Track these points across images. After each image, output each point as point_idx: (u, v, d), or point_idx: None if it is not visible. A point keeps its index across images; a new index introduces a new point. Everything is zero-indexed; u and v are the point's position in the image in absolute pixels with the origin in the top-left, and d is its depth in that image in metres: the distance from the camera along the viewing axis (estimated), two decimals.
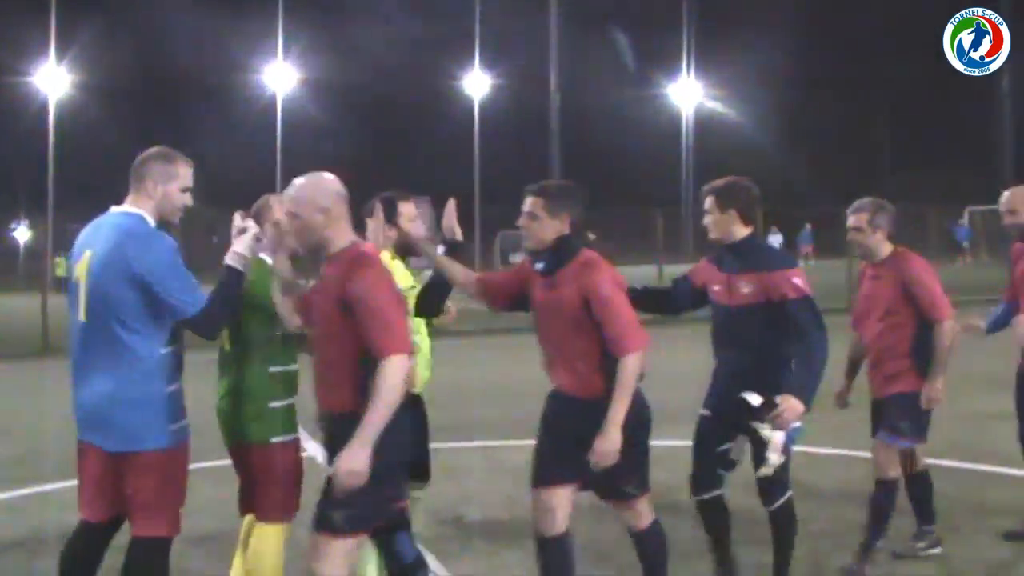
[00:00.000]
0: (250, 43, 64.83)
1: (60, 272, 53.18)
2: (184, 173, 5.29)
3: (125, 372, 5.00)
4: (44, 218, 52.98)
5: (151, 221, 5.19)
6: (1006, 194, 7.35)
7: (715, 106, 72.73)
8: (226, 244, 5.28)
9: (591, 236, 41.63)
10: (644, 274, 31.01)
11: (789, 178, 65.83)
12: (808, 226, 51.74)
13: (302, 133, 65.60)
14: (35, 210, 61.00)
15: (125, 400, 5.00)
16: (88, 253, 5.10)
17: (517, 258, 34.72)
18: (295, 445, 5.66)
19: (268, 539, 5.60)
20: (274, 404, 5.55)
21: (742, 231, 6.08)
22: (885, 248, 6.90)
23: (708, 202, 6.16)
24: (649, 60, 70.44)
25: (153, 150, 5.33)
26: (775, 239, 47.63)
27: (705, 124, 72.18)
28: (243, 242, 5.22)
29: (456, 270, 5.73)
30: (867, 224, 6.87)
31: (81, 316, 5.09)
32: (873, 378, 6.98)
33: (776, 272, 5.88)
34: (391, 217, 6.11)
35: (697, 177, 67.75)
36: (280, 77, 65.16)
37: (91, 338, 5.06)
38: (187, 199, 5.31)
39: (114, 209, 5.25)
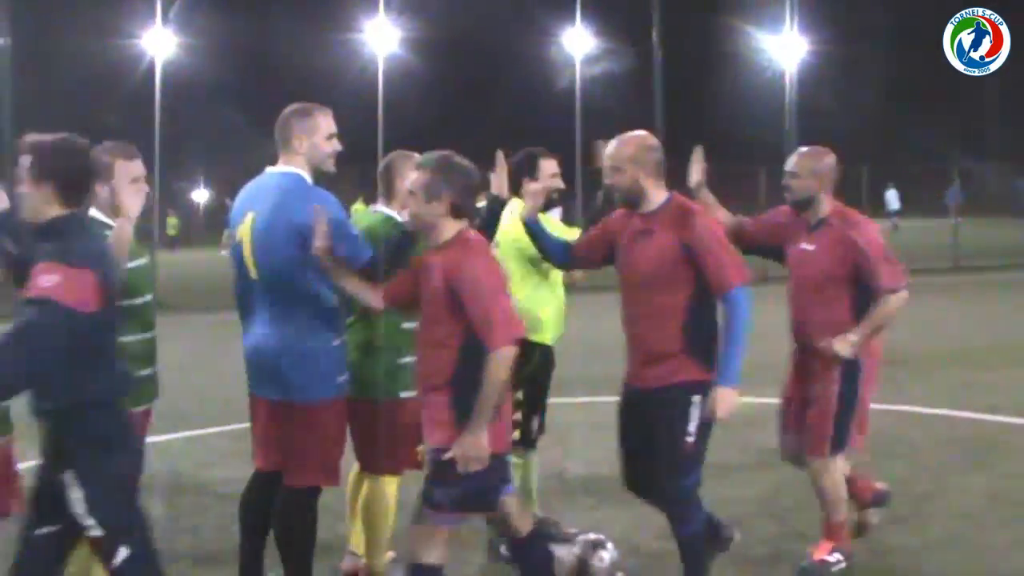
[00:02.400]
0: (352, 2, 65.16)
1: (172, 232, 54.50)
2: (324, 122, 5.38)
3: (294, 326, 5.12)
4: (151, 178, 53.80)
5: (307, 177, 5.30)
6: (792, 158, 6.29)
7: (819, 61, 71.46)
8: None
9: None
10: None
11: (894, 133, 64.56)
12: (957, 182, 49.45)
13: (402, 91, 65.85)
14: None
15: (295, 353, 5.12)
16: (251, 215, 5.21)
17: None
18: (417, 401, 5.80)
19: (385, 489, 5.79)
20: (403, 360, 5.67)
21: None
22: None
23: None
24: (752, 14, 69.41)
25: (290, 108, 5.41)
26: (892, 195, 46.57)
27: (809, 80, 70.98)
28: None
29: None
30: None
31: (252, 275, 5.20)
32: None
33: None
34: (532, 172, 6.27)
35: (800, 134, 66.92)
36: (382, 35, 65.39)
37: (261, 295, 5.19)
38: (335, 144, 5.43)
39: (270, 170, 5.37)
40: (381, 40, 63.86)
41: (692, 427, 5.35)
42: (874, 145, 59.31)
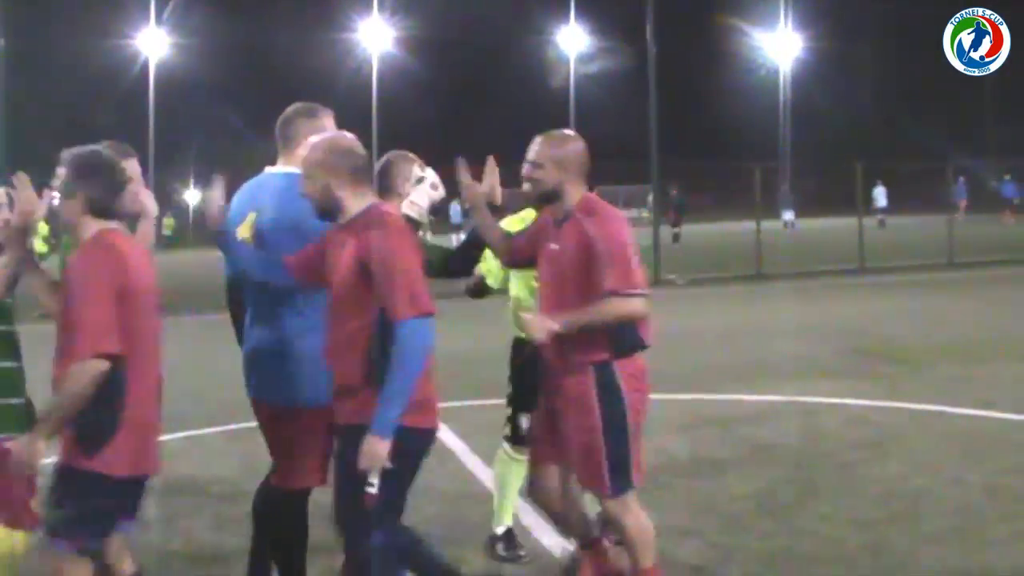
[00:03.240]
0: (346, 2, 65.16)
1: (167, 232, 54.52)
2: (329, 124, 5.37)
3: (294, 328, 5.11)
4: (147, 179, 53.81)
5: None
6: (532, 146, 5.30)
7: (814, 59, 71.51)
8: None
9: (673, 191, 41.46)
10: (743, 229, 30.85)
11: (889, 131, 64.64)
12: (961, 179, 49.36)
13: (396, 91, 65.85)
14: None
15: (295, 355, 5.10)
16: (252, 215, 5.20)
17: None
18: None
19: None
20: None
21: None
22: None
23: None
24: (747, 12, 69.45)
25: (295, 108, 5.40)
26: (880, 192, 46.67)
27: (803, 77, 71.03)
28: (421, 192, 5.41)
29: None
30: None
31: (253, 275, 5.17)
32: None
33: None
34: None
35: (795, 132, 66.98)
36: (376, 35, 65.32)
37: (260, 296, 5.19)
38: None
39: (270, 170, 5.35)
40: (375, 40, 63.93)
41: (375, 476, 4.51)
42: (868, 142, 59.44)
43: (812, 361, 12.79)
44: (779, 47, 69.48)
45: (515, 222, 6.07)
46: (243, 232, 5.20)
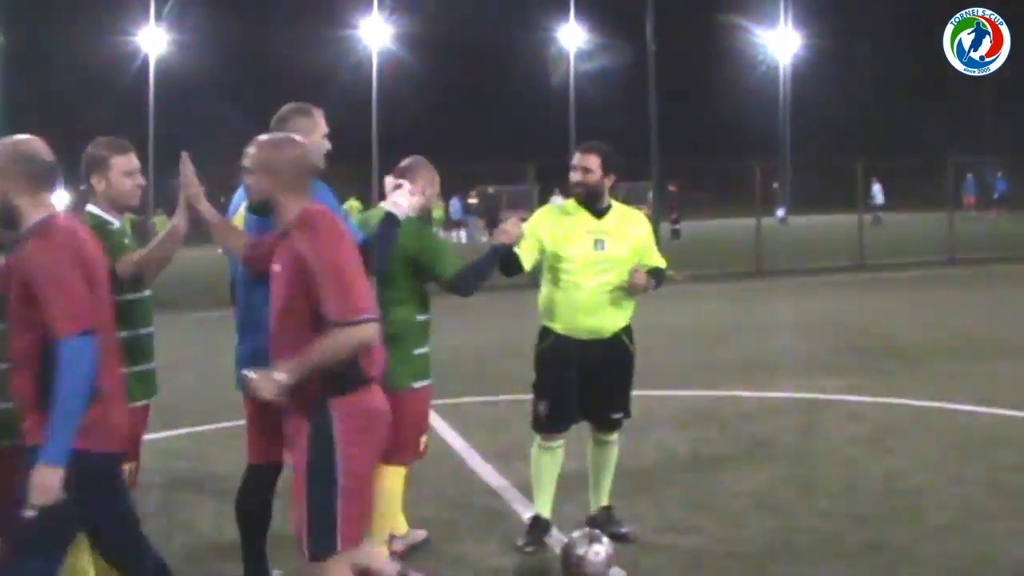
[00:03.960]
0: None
1: (160, 228, 54.40)
2: (322, 121, 5.52)
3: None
4: (146, 176, 53.74)
5: None
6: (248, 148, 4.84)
7: (814, 56, 71.43)
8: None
9: (672, 188, 41.44)
10: (742, 226, 30.84)
11: (888, 128, 64.65)
12: (969, 176, 49.47)
13: (398, 87, 65.79)
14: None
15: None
16: (244, 207, 5.22)
17: None
18: (429, 390, 5.99)
19: (389, 481, 5.87)
20: (418, 351, 5.87)
21: None
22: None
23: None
24: (748, 10, 69.40)
25: (290, 107, 5.53)
26: (876, 189, 46.70)
27: (802, 74, 70.97)
28: (402, 195, 5.54)
29: None
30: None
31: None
32: None
33: None
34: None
35: (794, 129, 66.93)
36: (375, 32, 65.24)
37: (261, 292, 5.09)
38: (327, 145, 5.56)
39: None
40: (375, 37, 63.86)
41: (35, 498, 4.09)
42: (868, 139, 59.45)
43: (812, 357, 12.80)
44: (779, 44, 69.38)
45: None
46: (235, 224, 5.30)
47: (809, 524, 6.64)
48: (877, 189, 46.70)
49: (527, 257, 6.29)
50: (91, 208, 5.27)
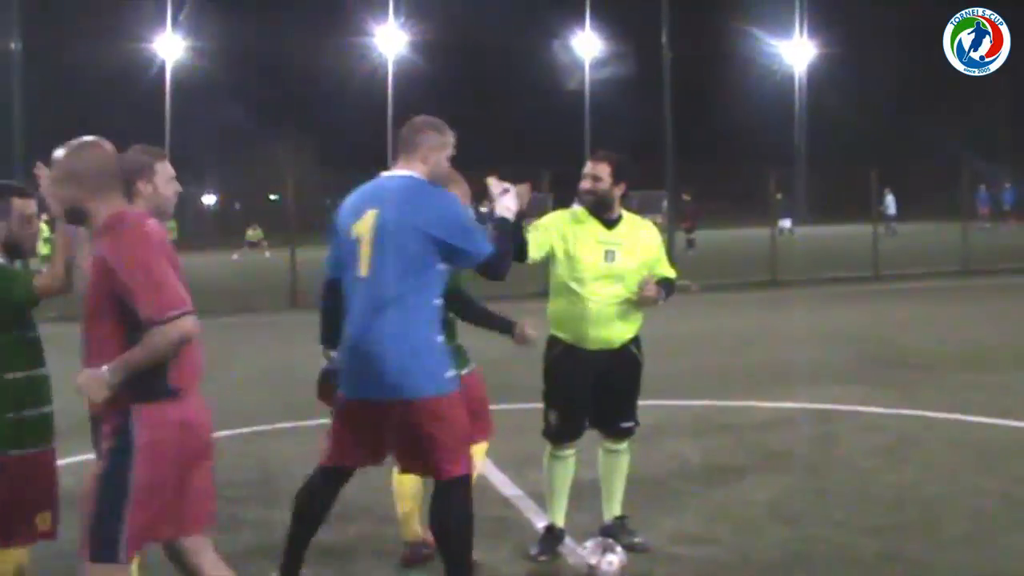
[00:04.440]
0: (362, 6, 65.27)
1: (172, 235, 54.50)
2: (452, 143, 5.54)
3: (401, 324, 5.16)
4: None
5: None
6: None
7: (828, 64, 71.33)
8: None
9: (686, 197, 41.41)
10: (758, 235, 30.80)
11: (902, 137, 64.51)
12: (982, 187, 49.31)
13: (413, 95, 65.90)
14: None
15: (402, 350, 5.15)
16: (371, 212, 5.27)
17: None
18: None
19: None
20: (457, 342, 6.16)
21: None
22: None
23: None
24: (762, 18, 69.36)
25: (425, 120, 5.54)
26: (889, 200, 46.62)
27: (819, 82, 70.89)
28: (510, 198, 5.56)
29: None
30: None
31: (361, 272, 5.25)
32: None
33: None
34: None
35: (809, 137, 66.86)
36: (391, 39, 65.39)
37: (370, 292, 5.23)
38: (448, 167, 5.60)
39: (387, 173, 5.47)
40: (390, 44, 63.96)
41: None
42: (883, 148, 59.29)
43: (826, 367, 12.77)
44: (794, 52, 69.34)
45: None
46: (359, 229, 5.27)
47: (823, 535, 6.61)
48: (890, 200, 46.63)
49: (535, 248, 6.28)
50: None
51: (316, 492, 5.48)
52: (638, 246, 6.36)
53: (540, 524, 6.56)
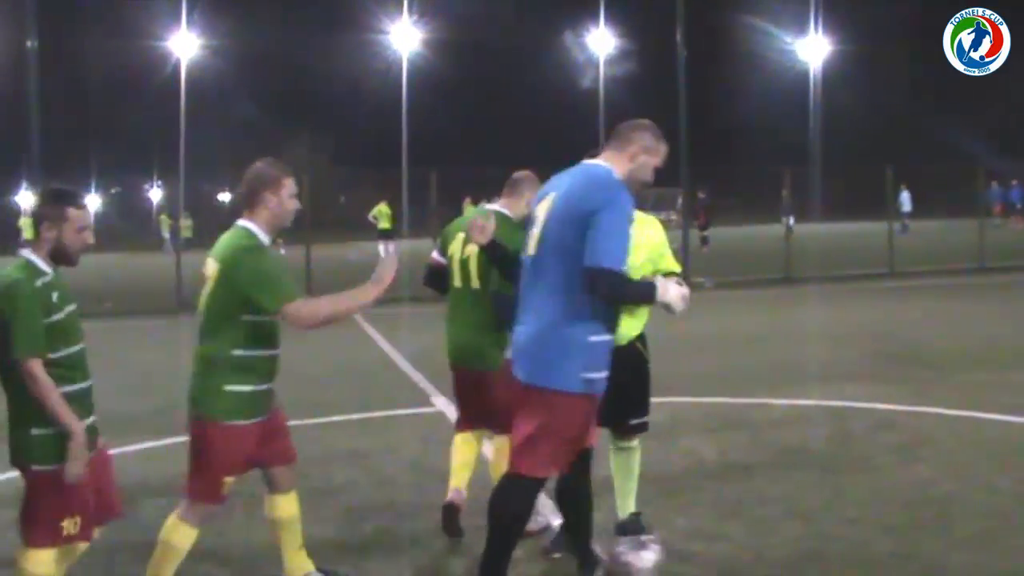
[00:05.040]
0: (375, 2, 65.27)
1: (185, 233, 54.66)
2: (663, 154, 5.60)
3: (554, 312, 5.19)
4: (176, 180, 54.20)
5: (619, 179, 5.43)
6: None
7: (844, 61, 71.11)
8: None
9: (700, 195, 41.35)
10: (771, 232, 30.78)
11: (917, 134, 64.26)
12: (994, 183, 49.03)
13: (427, 93, 65.94)
14: (167, 172, 62.46)
15: (546, 338, 5.20)
16: (552, 195, 5.37)
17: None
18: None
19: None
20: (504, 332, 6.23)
21: None
22: None
23: None
24: (777, 15, 69.22)
25: (648, 123, 5.59)
26: (904, 197, 46.50)
27: (833, 80, 70.68)
28: (678, 299, 5.41)
29: None
30: None
31: (530, 251, 5.36)
32: None
33: None
34: None
35: (823, 134, 66.66)
36: (405, 37, 65.41)
37: (533, 275, 5.32)
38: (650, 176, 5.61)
39: (587, 161, 5.53)
40: (404, 42, 63.95)
41: None
42: (899, 145, 59.12)
43: (840, 365, 12.75)
44: (809, 50, 69.13)
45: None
46: (539, 210, 5.40)
47: (838, 532, 6.62)
48: (905, 197, 46.51)
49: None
50: (247, 224, 5.42)
51: (567, 475, 5.63)
52: (642, 243, 6.35)
53: (556, 522, 6.57)
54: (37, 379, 4.80)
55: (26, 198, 55.37)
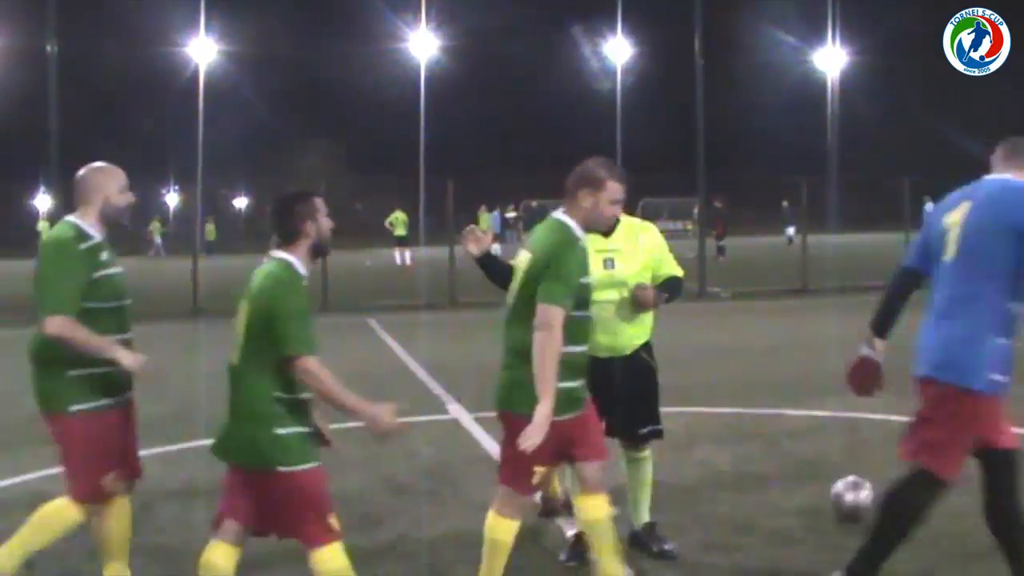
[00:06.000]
0: (393, 10, 65.46)
1: (210, 236, 54.88)
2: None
3: (974, 318, 5.43)
4: (193, 185, 54.37)
5: None
6: None
7: (860, 72, 71.04)
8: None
9: (717, 204, 41.34)
10: (786, 242, 30.67)
11: (939, 145, 64.14)
12: None
13: (444, 100, 66.07)
14: (184, 177, 62.65)
15: (966, 338, 5.48)
16: (966, 204, 5.48)
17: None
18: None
19: None
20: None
21: None
22: None
23: None
24: (794, 26, 69.19)
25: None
26: (930, 207, 46.47)
27: (850, 91, 70.62)
28: None
29: None
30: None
31: (948, 257, 5.49)
32: None
33: None
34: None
35: (842, 144, 66.58)
36: (423, 45, 65.53)
37: (953, 282, 5.48)
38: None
39: (988, 177, 5.67)
40: (423, 50, 64.07)
41: None
42: (918, 156, 59.00)
43: None
44: (826, 60, 69.06)
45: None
46: (951, 219, 5.53)
47: (854, 544, 6.57)
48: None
49: None
50: (562, 218, 5.46)
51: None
52: (637, 250, 6.33)
53: (570, 532, 6.57)
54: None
55: (44, 201, 55.61)
